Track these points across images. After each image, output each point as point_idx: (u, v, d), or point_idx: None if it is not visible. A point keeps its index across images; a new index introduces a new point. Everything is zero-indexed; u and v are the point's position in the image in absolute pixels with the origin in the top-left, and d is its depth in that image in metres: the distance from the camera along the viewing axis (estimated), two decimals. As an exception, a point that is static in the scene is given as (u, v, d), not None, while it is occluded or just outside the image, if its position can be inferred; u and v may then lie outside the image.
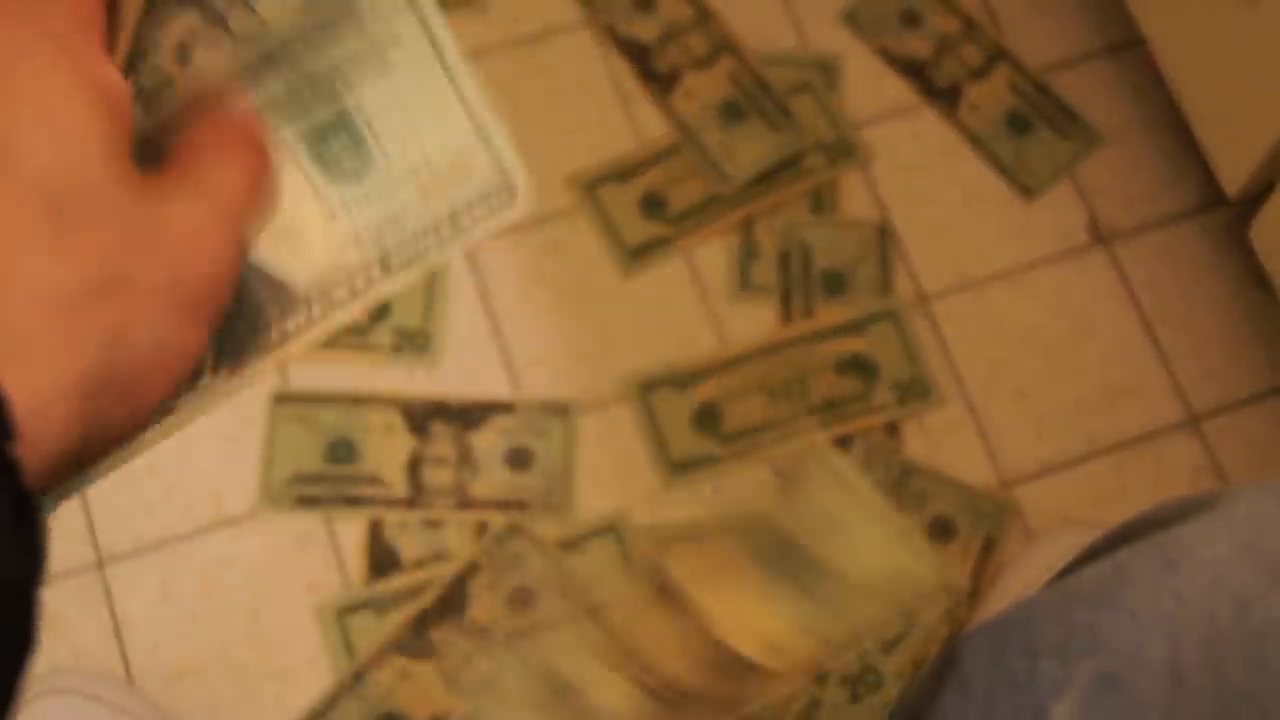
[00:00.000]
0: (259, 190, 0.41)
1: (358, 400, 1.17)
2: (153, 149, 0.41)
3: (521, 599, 1.13)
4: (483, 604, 1.13)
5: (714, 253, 1.23)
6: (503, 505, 1.15)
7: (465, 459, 1.16)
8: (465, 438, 1.17)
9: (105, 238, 0.37)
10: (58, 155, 0.37)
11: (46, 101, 0.37)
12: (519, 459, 1.16)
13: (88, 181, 0.37)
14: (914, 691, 0.63)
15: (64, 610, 1.10)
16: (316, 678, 1.10)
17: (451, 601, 1.13)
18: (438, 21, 0.44)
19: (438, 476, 1.16)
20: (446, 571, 1.13)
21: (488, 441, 1.17)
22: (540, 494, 1.15)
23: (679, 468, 1.17)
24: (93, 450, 0.38)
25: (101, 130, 0.38)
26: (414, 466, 1.16)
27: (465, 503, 1.15)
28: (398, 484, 1.15)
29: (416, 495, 1.15)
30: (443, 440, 1.16)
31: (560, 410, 1.18)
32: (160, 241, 0.38)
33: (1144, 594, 0.55)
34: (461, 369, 1.19)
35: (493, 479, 1.16)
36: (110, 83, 0.38)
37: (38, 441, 0.35)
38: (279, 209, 0.43)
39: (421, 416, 1.17)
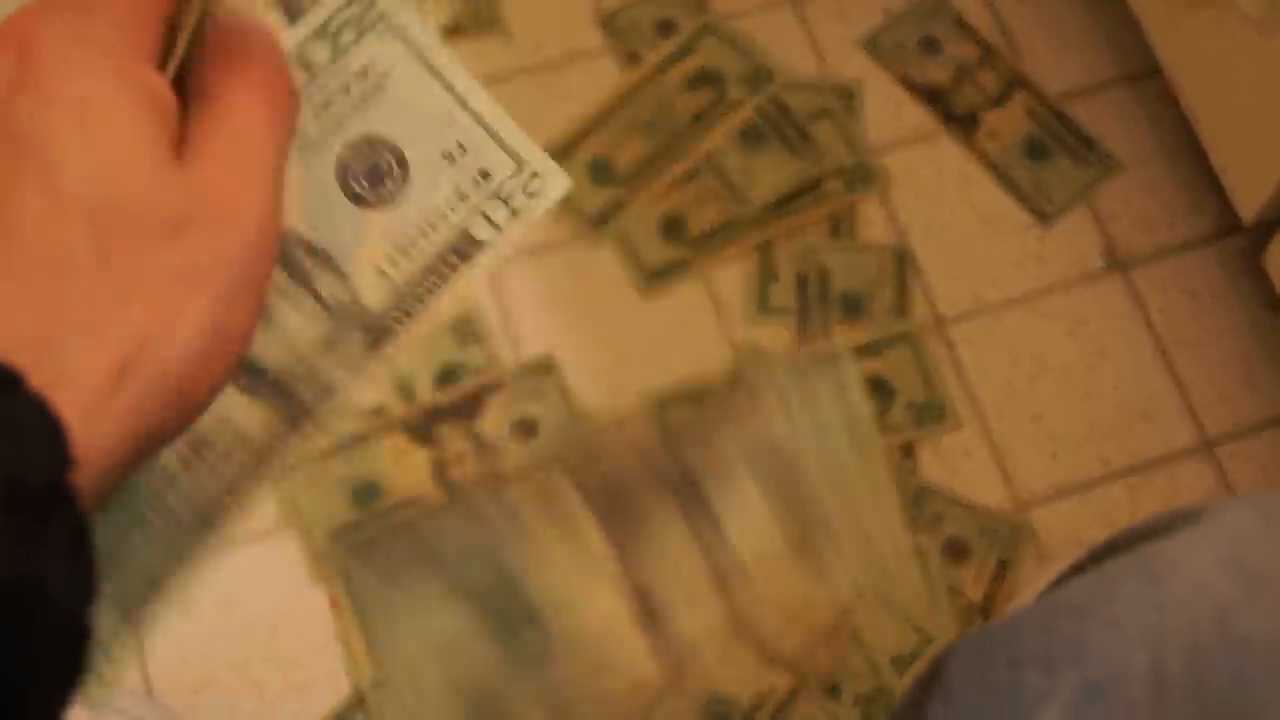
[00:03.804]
0: (286, 123, 0.41)
1: (358, 438, 1.18)
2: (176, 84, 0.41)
3: (526, 429, 1.18)
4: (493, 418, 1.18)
5: (733, 275, 1.25)
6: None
7: (481, 446, 1.18)
8: (472, 427, 1.19)
9: (145, 244, 0.37)
10: (101, 169, 0.36)
11: (89, 114, 0.37)
12: (526, 428, 1.19)
13: (131, 193, 0.37)
14: (902, 702, 0.64)
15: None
16: (334, 692, 1.11)
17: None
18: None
19: (464, 471, 1.17)
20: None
21: (493, 422, 1.19)
22: (558, 450, 1.18)
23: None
24: (142, 458, 0.38)
25: (146, 136, 0.37)
26: (439, 473, 1.17)
27: (501, 482, 1.17)
28: (432, 494, 1.16)
29: (455, 495, 1.16)
30: (454, 439, 1.18)
31: (544, 368, 1.20)
32: (201, 221, 0.38)
33: (1128, 606, 0.56)
34: (481, 389, 1.20)
35: (512, 452, 1.18)
36: (156, 89, 0.38)
37: (91, 465, 0.35)
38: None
39: (422, 428, 1.19)
